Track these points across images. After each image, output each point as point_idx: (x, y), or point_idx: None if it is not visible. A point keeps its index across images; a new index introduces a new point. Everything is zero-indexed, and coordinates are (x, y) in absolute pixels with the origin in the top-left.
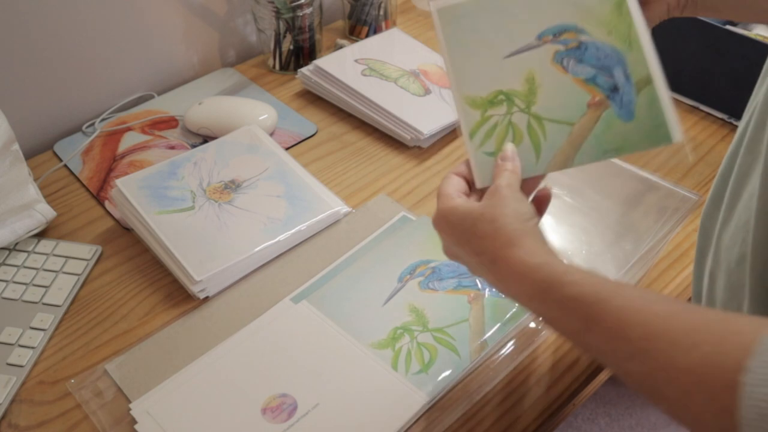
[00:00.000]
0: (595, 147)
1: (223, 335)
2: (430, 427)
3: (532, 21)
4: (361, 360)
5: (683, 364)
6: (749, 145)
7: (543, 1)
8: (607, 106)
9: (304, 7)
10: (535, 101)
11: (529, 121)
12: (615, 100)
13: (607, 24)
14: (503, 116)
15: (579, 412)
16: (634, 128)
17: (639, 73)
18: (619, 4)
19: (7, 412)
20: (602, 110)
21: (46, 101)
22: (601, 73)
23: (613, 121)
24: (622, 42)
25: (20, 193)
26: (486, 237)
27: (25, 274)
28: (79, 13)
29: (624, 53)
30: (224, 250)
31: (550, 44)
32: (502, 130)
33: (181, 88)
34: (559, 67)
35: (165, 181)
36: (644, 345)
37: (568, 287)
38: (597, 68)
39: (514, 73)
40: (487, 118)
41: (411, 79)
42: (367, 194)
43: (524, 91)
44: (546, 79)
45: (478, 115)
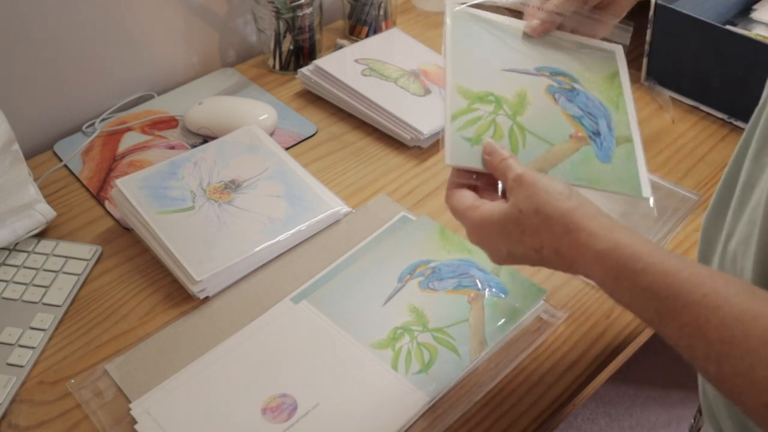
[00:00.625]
0: (569, 171)
1: (223, 335)
2: (430, 427)
3: (535, 55)
4: (361, 360)
5: (762, 375)
6: (756, 156)
7: (549, 44)
8: (587, 143)
9: (304, 7)
10: (522, 113)
11: (512, 127)
12: (596, 142)
13: (598, 86)
14: (489, 113)
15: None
16: (609, 171)
17: (621, 131)
18: (612, 75)
19: (7, 412)
20: (582, 145)
21: (46, 101)
22: (587, 116)
23: (591, 158)
24: (611, 103)
25: (20, 193)
26: (539, 231)
27: (25, 274)
28: (79, 13)
29: (611, 111)
30: (224, 250)
31: (546, 78)
32: (485, 124)
33: (181, 88)
34: (550, 98)
35: (165, 181)
36: (722, 349)
37: (639, 276)
38: (584, 112)
39: (508, 84)
40: (472, 110)
41: (411, 79)
42: (367, 194)
43: (514, 102)
44: (536, 102)
45: (465, 104)
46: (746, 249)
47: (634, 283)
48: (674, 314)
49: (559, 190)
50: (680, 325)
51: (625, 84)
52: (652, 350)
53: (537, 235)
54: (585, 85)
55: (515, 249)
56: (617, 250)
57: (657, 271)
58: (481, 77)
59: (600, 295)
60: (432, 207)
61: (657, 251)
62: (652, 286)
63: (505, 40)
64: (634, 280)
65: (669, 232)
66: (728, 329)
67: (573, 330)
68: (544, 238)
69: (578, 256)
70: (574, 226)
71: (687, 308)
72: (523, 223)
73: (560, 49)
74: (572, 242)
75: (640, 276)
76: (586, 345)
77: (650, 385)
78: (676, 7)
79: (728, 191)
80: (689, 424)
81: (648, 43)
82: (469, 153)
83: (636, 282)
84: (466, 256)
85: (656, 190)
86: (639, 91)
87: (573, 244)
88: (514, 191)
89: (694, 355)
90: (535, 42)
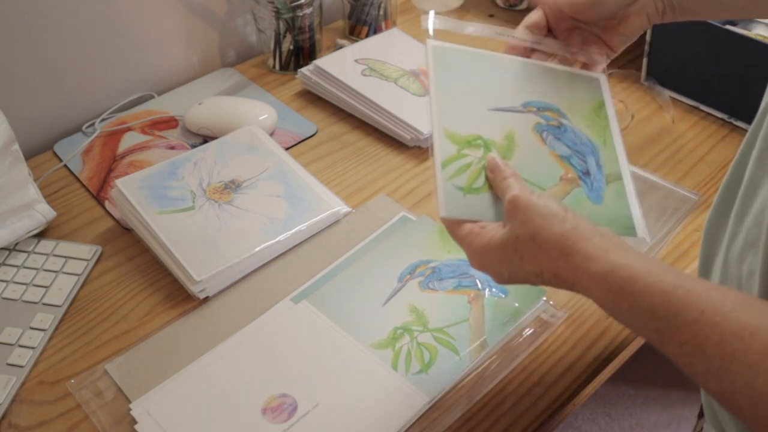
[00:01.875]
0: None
1: (223, 335)
2: (430, 427)
3: (521, 90)
4: (361, 360)
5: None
6: (760, 157)
7: (534, 76)
8: (578, 185)
9: (304, 7)
10: (511, 157)
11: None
12: (586, 182)
13: (586, 118)
14: (478, 159)
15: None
16: (601, 211)
17: (610, 168)
18: (599, 105)
19: (7, 412)
20: (573, 187)
21: (46, 101)
22: (575, 155)
23: (583, 200)
24: (598, 138)
25: (20, 193)
26: (537, 257)
27: (25, 274)
28: (79, 14)
29: (599, 147)
30: (224, 250)
31: (533, 114)
32: (476, 171)
33: (181, 88)
34: (538, 137)
35: (165, 181)
36: (722, 364)
37: (637, 298)
38: (573, 150)
39: (496, 126)
40: (462, 155)
41: (411, 79)
42: (367, 194)
43: (503, 145)
44: (524, 143)
45: (455, 150)
46: (755, 252)
47: (633, 304)
48: (674, 332)
49: (554, 213)
50: (680, 343)
51: (611, 115)
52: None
53: (535, 261)
54: (573, 120)
55: (516, 273)
56: (614, 272)
57: (655, 291)
58: (468, 119)
59: None
60: (432, 207)
61: (654, 269)
62: (651, 306)
63: (490, 74)
64: (633, 301)
65: (669, 232)
66: (727, 345)
67: (573, 330)
68: (542, 263)
69: (576, 279)
70: (570, 249)
71: (686, 326)
72: (521, 249)
73: (545, 79)
74: (569, 266)
75: (638, 297)
76: (586, 345)
77: (650, 385)
78: None
79: (731, 193)
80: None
81: (648, 43)
82: (463, 203)
83: (634, 303)
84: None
85: (656, 190)
86: (639, 91)
87: (570, 267)
88: (510, 216)
89: (695, 372)
90: (520, 73)
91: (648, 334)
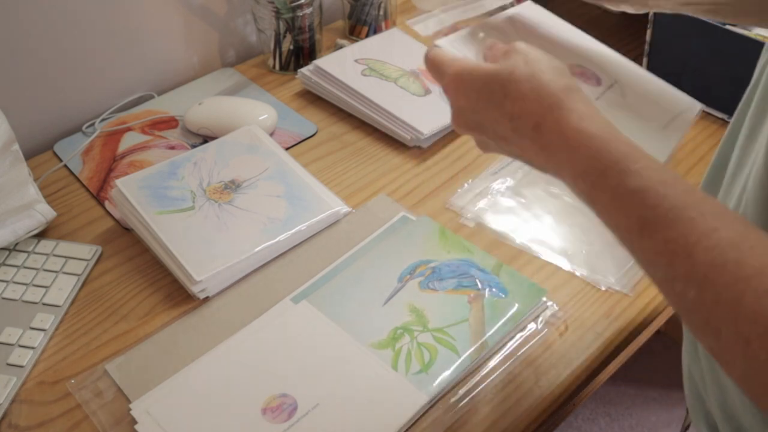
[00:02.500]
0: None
1: (223, 335)
2: (430, 427)
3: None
4: (361, 360)
5: (751, 307)
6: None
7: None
8: (482, 296)
9: (304, 7)
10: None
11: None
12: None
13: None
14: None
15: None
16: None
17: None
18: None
19: (7, 412)
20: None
21: (46, 101)
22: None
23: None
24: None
25: (20, 193)
26: (525, 98)
27: (25, 274)
28: (79, 13)
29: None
30: (224, 250)
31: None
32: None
33: (181, 88)
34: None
35: (165, 181)
36: (709, 272)
37: (630, 177)
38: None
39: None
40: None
41: (411, 79)
42: (367, 194)
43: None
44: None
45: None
46: None
47: (622, 182)
48: (661, 226)
49: (557, 65)
50: (665, 239)
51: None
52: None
53: (520, 102)
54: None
55: (487, 113)
56: (609, 141)
57: (653, 177)
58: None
59: (600, 294)
60: (432, 207)
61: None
62: (643, 190)
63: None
64: (623, 179)
65: None
66: (721, 253)
67: (573, 330)
68: (527, 106)
69: (559, 139)
70: (567, 104)
71: (679, 222)
72: (511, 86)
73: None
74: (559, 120)
75: (631, 176)
76: (586, 345)
77: (650, 385)
78: None
79: (718, 174)
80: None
81: (648, 43)
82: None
83: (624, 181)
84: (466, 256)
85: None
86: None
87: (559, 122)
88: (507, 56)
89: (672, 275)
90: None
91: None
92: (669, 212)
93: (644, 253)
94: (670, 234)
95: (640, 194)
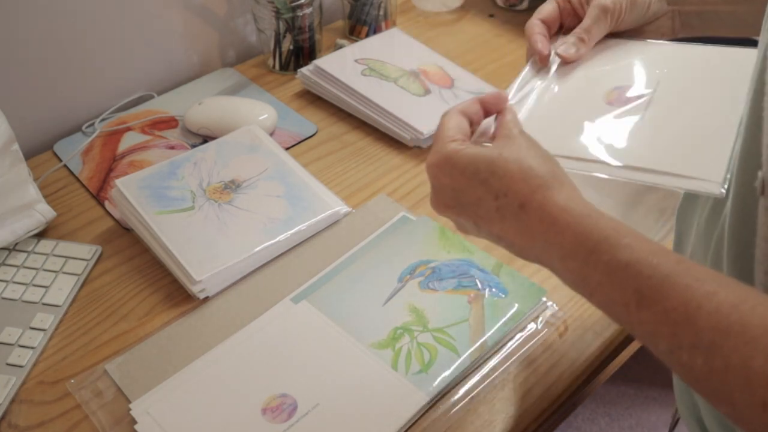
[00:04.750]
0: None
1: (223, 335)
2: (430, 427)
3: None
4: (361, 360)
5: (762, 370)
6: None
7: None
8: (483, 296)
9: (304, 7)
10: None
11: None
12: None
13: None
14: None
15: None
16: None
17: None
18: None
19: (7, 412)
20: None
21: (46, 101)
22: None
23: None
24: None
25: (20, 193)
26: (512, 177)
27: (25, 274)
28: (79, 13)
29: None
30: (224, 250)
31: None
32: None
33: (181, 88)
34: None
35: (165, 181)
36: (714, 338)
37: (621, 251)
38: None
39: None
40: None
41: (411, 79)
42: (367, 194)
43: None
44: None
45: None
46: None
47: (614, 256)
48: (659, 296)
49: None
50: (665, 309)
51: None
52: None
53: (507, 180)
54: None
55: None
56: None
57: (643, 249)
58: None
59: None
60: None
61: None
62: (636, 262)
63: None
64: (615, 253)
65: (669, 232)
66: (723, 316)
67: (573, 330)
68: (514, 186)
69: (546, 218)
70: (554, 185)
71: (676, 290)
72: (498, 165)
73: None
74: (545, 200)
75: (622, 250)
76: (586, 345)
77: (650, 385)
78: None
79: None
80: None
81: None
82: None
83: (616, 256)
84: (466, 256)
85: (656, 191)
86: None
87: (545, 202)
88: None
89: (677, 345)
90: None
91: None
92: (665, 281)
93: (644, 326)
94: (669, 303)
95: (634, 266)
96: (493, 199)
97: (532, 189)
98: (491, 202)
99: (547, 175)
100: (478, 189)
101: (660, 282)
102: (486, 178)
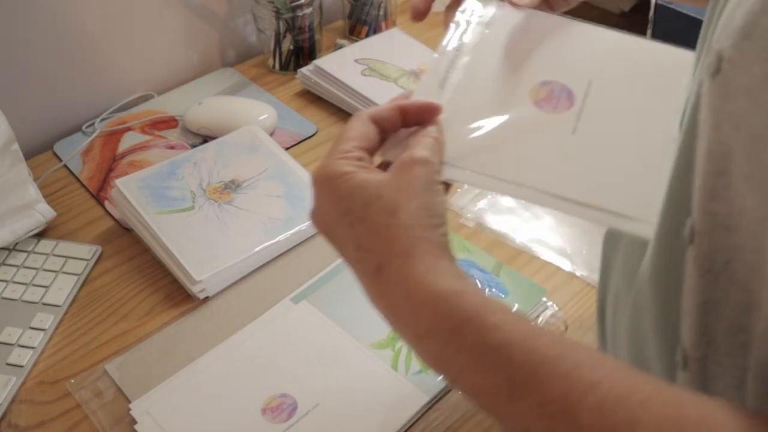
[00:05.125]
0: None
1: (223, 335)
2: (430, 427)
3: None
4: (361, 360)
5: None
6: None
7: None
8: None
9: (304, 7)
10: None
11: None
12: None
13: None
14: None
15: None
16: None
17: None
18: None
19: (7, 412)
20: None
21: (46, 101)
22: None
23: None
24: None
25: (20, 193)
26: (377, 232)
27: (25, 274)
28: (78, 13)
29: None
30: (224, 250)
31: None
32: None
33: (181, 88)
34: None
35: (165, 181)
36: None
37: (490, 332)
38: None
39: None
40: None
41: (411, 79)
42: None
43: None
44: None
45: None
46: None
47: (481, 338)
48: (534, 386)
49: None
50: (540, 402)
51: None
52: None
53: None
54: None
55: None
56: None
57: (515, 330)
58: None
59: None
60: None
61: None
62: (507, 345)
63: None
64: (483, 335)
65: None
66: (609, 413)
67: (573, 330)
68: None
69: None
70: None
71: (553, 380)
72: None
73: None
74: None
75: (491, 331)
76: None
77: None
78: (675, 7)
79: None
80: None
81: None
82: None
83: (484, 338)
84: (466, 256)
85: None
86: None
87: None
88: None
89: None
90: None
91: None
92: (540, 368)
93: (518, 420)
94: (545, 395)
95: (505, 350)
96: (354, 249)
97: (393, 254)
98: (352, 251)
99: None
100: (345, 230)
101: (535, 369)
102: (353, 222)
